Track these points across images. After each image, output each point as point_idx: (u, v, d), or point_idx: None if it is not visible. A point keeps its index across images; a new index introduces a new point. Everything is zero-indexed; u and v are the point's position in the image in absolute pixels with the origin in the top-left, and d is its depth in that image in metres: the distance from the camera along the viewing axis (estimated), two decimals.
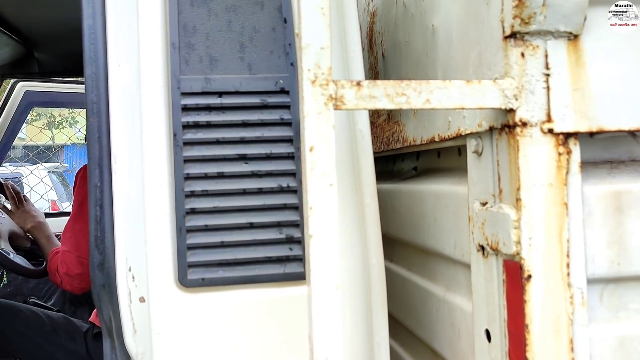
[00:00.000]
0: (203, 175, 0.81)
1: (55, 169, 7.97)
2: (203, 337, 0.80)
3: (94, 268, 0.84)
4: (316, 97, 0.66)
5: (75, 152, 10.77)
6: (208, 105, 0.81)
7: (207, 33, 0.82)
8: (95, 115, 0.83)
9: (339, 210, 0.83)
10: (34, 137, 6.18)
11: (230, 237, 0.81)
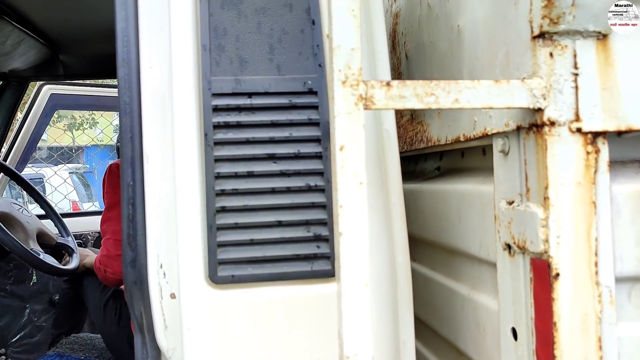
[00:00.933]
0: (233, 174, 0.82)
1: (76, 170, 8.09)
2: (233, 333, 0.82)
3: (126, 265, 0.86)
4: (346, 97, 0.67)
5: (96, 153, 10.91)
6: (238, 105, 0.83)
7: (237, 35, 0.84)
8: (127, 115, 0.85)
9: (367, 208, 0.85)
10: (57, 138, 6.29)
11: (260, 235, 0.82)
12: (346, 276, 0.67)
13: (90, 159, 11.36)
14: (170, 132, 0.83)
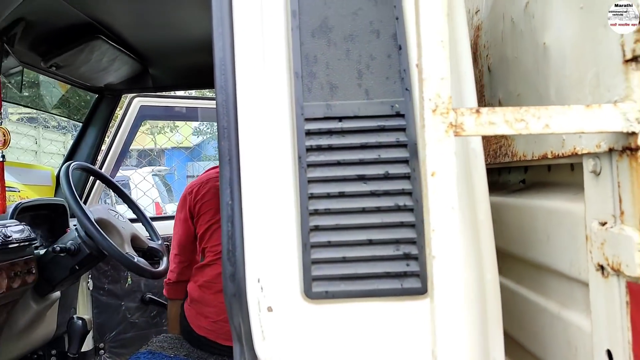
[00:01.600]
0: (326, 195, 0.87)
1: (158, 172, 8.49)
2: (326, 346, 0.86)
3: (226, 279, 0.92)
4: (437, 125, 0.70)
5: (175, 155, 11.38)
6: (329, 129, 0.87)
7: (327, 62, 0.88)
8: (226, 139, 0.91)
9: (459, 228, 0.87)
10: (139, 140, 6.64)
11: (351, 252, 0.86)
12: (440, 298, 0.70)
13: (170, 160, 11.86)
14: (266, 155, 0.88)
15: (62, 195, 2.41)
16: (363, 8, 0.89)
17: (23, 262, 2.05)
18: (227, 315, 0.95)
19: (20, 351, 2.36)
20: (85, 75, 2.56)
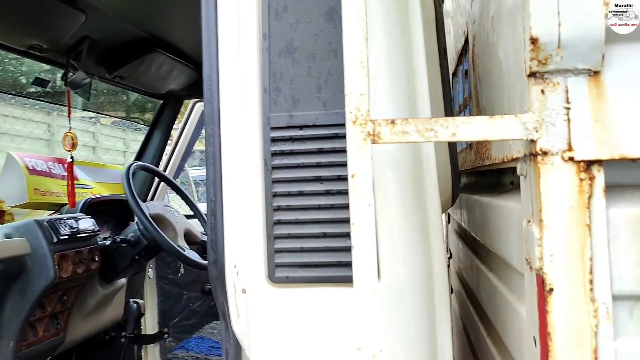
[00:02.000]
0: (287, 193, 1.00)
1: None
2: (287, 323, 0.99)
3: (211, 264, 1.08)
4: (357, 135, 0.82)
5: None
6: (291, 136, 1.00)
7: (291, 78, 1.02)
8: (211, 145, 1.07)
9: (405, 224, 0.98)
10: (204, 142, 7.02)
11: (308, 244, 0.99)
12: (358, 283, 0.82)
13: None
14: (240, 159, 1.03)
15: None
16: (324, 30, 1.01)
17: (87, 250, 2.33)
18: (214, 297, 1.11)
19: (90, 330, 2.66)
20: (148, 83, 2.83)
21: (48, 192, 2.62)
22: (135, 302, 2.59)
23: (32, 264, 2.09)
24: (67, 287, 2.29)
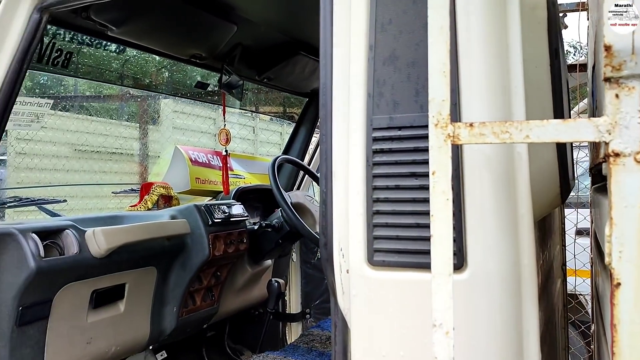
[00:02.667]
0: (385, 187, 1.13)
1: None
2: (381, 301, 1.12)
3: (322, 247, 1.24)
4: (438, 136, 0.92)
5: None
6: (391, 136, 1.13)
7: (392, 84, 1.13)
8: (324, 143, 1.23)
9: (496, 219, 1.06)
10: None
11: (403, 232, 1.11)
12: (435, 269, 0.92)
13: None
14: (347, 156, 1.17)
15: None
16: (423, 40, 1.11)
17: (237, 233, 2.64)
18: (325, 276, 1.27)
19: (239, 305, 2.99)
20: (294, 83, 3.09)
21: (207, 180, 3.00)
22: (277, 281, 2.86)
23: (191, 242, 2.44)
24: (220, 264, 2.62)
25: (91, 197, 6.29)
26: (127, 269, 2.19)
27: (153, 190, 2.72)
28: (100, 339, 2.13)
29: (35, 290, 1.80)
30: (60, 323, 1.94)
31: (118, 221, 2.32)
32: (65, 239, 1.91)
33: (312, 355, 2.40)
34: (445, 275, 0.92)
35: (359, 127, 1.16)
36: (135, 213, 2.58)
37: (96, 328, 2.11)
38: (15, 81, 1.66)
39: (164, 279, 2.41)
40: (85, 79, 4.18)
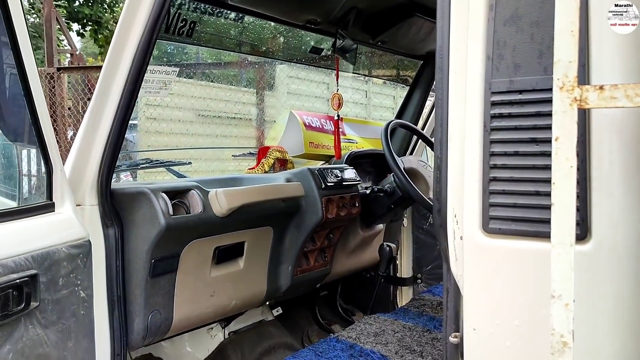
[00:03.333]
0: (503, 153, 1.09)
1: None
2: (495, 268, 1.10)
3: (435, 213, 1.23)
4: (563, 100, 0.87)
5: None
6: (510, 100, 1.08)
7: (514, 46, 1.08)
8: (440, 108, 1.21)
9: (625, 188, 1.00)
10: None
11: (521, 200, 1.07)
12: (556, 237, 0.89)
13: None
14: (463, 121, 1.15)
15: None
16: None
17: (349, 197, 2.68)
18: (437, 239, 1.26)
19: (351, 267, 3.06)
20: (408, 45, 3.03)
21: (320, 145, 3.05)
22: (388, 245, 2.88)
23: (305, 204, 2.52)
24: (333, 227, 2.69)
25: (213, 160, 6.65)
26: (246, 228, 2.31)
27: (269, 153, 2.83)
28: (222, 293, 2.29)
29: (165, 246, 1.96)
30: (187, 276, 2.10)
31: (237, 183, 2.44)
32: (191, 198, 2.05)
33: (422, 320, 2.42)
34: (567, 245, 0.88)
35: (476, 91, 1.13)
36: (253, 175, 2.70)
37: (218, 282, 2.26)
38: (147, 51, 1.78)
39: (279, 239, 2.51)
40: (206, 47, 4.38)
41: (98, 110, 1.81)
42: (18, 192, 1.79)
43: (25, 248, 1.48)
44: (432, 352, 2.09)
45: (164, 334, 2.09)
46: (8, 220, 1.51)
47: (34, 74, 1.57)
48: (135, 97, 1.83)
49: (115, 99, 1.80)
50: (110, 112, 1.81)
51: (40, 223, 1.60)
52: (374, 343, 2.13)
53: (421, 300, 2.70)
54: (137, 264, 1.92)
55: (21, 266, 1.43)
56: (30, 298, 1.45)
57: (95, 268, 1.75)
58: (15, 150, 1.75)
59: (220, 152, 6.75)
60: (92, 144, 1.82)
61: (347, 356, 1.99)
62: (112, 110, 1.81)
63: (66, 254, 1.59)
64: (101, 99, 1.81)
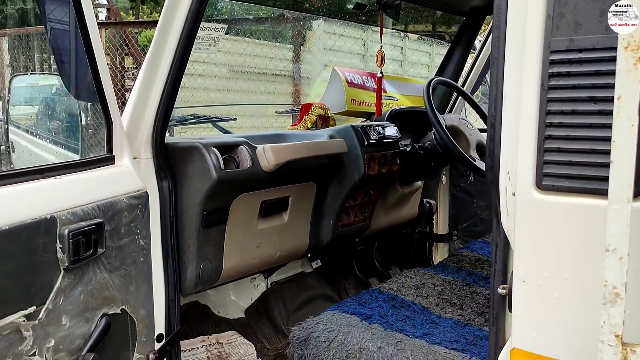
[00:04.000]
0: (560, 111, 1.11)
1: None
2: (548, 225, 1.14)
3: (487, 170, 1.27)
4: (627, 59, 0.89)
5: None
6: (569, 59, 1.09)
7: (575, 3, 1.09)
8: (495, 66, 1.22)
9: None
10: None
11: (577, 158, 1.09)
12: (613, 195, 0.92)
13: None
14: (520, 79, 1.16)
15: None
16: None
17: (391, 154, 2.71)
18: (489, 195, 1.30)
19: (389, 223, 3.12)
20: (452, 1, 2.99)
21: (362, 102, 3.07)
22: (428, 202, 2.92)
23: (347, 161, 2.56)
24: (373, 183, 2.74)
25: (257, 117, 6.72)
26: (290, 184, 2.38)
27: (312, 110, 2.86)
28: (268, 244, 2.38)
29: (216, 198, 2.04)
30: (236, 228, 2.19)
31: (281, 139, 2.50)
32: (240, 153, 2.12)
33: (461, 274, 2.47)
34: (624, 201, 0.91)
35: (535, 49, 1.14)
36: (297, 132, 2.75)
37: (264, 234, 2.35)
38: (200, 6, 1.82)
39: (322, 194, 2.58)
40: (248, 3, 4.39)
41: (153, 67, 1.87)
42: (80, 145, 1.87)
43: (91, 198, 1.57)
44: (471, 305, 2.15)
45: (213, 282, 2.20)
46: (74, 172, 1.60)
47: (95, 29, 1.63)
48: (189, 53, 1.87)
49: (169, 56, 1.85)
50: (165, 69, 1.86)
51: (102, 175, 1.69)
52: (414, 295, 2.20)
53: (459, 256, 2.75)
54: (190, 215, 2.00)
55: (89, 215, 1.52)
56: (97, 244, 1.54)
57: (151, 219, 1.84)
58: (77, 105, 1.83)
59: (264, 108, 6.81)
60: (148, 99, 1.89)
61: (389, 307, 2.07)
62: (166, 66, 1.86)
63: (127, 204, 1.68)
64: (156, 55, 1.86)
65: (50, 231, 1.39)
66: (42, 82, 3.57)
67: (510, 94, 1.19)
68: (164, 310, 1.94)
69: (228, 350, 2.59)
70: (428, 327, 1.92)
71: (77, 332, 1.48)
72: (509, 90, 1.19)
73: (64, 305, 1.43)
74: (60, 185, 1.51)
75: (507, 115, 1.20)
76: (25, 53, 7.80)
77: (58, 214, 1.41)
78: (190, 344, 2.48)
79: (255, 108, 6.79)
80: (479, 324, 1.99)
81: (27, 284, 1.32)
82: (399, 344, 1.78)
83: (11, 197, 1.36)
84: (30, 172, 1.46)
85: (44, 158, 2.26)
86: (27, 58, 7.76)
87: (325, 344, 1.85)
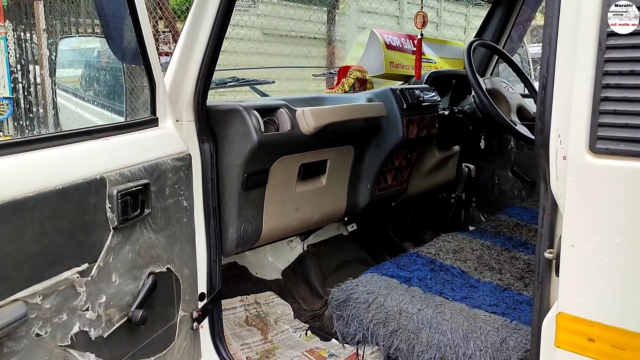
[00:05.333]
0: (618, 72, 1.07)
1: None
2: (600, 188, 1.12)
3: (537, 133, 1.24)
4: None
5: None
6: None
7: None
8: (549, 26, 1.19)
9: None
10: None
11: (633, 120, 1.07)
12: None
13: None
14: (575, 39, 1.13)
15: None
16: None
17: (430, 117, 2.68)
18: (537, 159, 1.28)
19: (426, 187, 3.11)
20: None
21: (400, 65, 3.03)
22: (467, 166, 2.89)
23: (386, 124, 2.54)
24: (411, 147, 2.72)
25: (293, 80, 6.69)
26: (329, 147, 2.38)
27: (350, 73, 2.84)
28: (306, 207, 2.39)
29: (257, 161, 2.05)
30: (275, 190, 2.21)
31: (320, 102, 2.48)
32: (280, 116, 2.12)
33: (500, 239, 2.46)
34: None
35: (593, 8, 1.10)
36: (334, 95, 2.74)
37: (303, 197, 2.37)
38: None
39: (360, 157, 2.57)
40: None
41: (194, 29, 1.87)
42: (125, 107, 1.90)
43: (137, 159, 1.59)
44: (510, 270, 2.14)
45: (253, 243, 2.24)
46: (120, 134, 1.63)
47: None
48: (230, 14, 1.86)
49: (210, 17, 1.85)
50: (206, 31, 1.86)
51: (147, 136, 1.72)
52: (453, 259, 2.20)
53: (497, 221, 2.73)
54: (231, 178, 2.03)
55: (135, 175, 1.55)
56: (144, 205, 1.57)
57: (194, 181, 1.87)
58: (122, 68, 1.85)
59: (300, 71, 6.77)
60: (189, 62, 1.89)
61: (427, 270, 2.07)
62: (207, 29, 1.86)
63: (171, 165, 1.71)
64: (197, 17, 1.86)
65: (100, 191, 1.42)
66: (87, 45, 3.60)
67: (564, 54, 1.16)
68: (206, 270, 1.99)
69: (266, 310, 2.65)
70: (467, 291, 1.92)
71: (126, 289, 1.53)
72: (564, 50, 1.16)
73: (114, 263, 1.48)
74: (108, 147, 1.54)
75: (561, 77, 1.17)
76: (60, 17, 7.85)
77: (107, 174, 1.44)
78: (229, 304, 2.55)
79: (290, 71, 6.75)
80: (519, 288, 1.99)
81: (80, 242, 1.37)
82: (439, 306, 1.79)
83: (63, 158, 1.39)
84: (79, 134, 1.49)
85: (90, 120, 2.31)
86: (62, 22, 7.82)
87: (364, 305, 1.87)
